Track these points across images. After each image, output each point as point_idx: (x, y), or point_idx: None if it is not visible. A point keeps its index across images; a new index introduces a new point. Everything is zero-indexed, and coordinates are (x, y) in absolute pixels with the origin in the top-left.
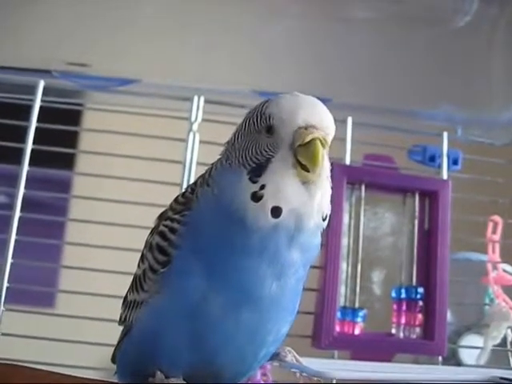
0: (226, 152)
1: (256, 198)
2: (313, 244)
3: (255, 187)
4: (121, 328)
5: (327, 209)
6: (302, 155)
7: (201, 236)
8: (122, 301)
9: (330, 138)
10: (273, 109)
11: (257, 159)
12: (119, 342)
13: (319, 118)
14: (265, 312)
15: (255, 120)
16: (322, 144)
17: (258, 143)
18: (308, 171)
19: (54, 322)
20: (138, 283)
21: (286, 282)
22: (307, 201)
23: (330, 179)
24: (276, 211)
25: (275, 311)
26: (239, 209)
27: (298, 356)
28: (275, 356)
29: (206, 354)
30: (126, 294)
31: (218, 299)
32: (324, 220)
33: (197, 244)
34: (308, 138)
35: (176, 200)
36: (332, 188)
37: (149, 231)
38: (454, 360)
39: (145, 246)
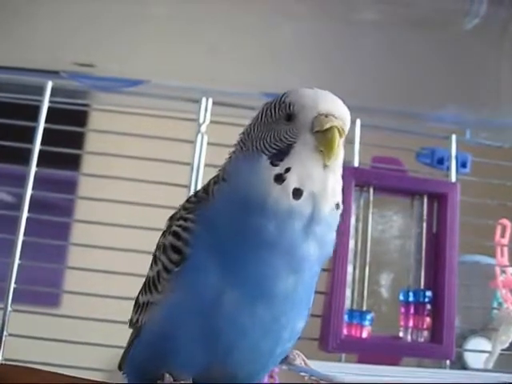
0: (240, 144)
1: (280, 179)
2: (328, 238)
3: (278, 170)
4: (127, 327)
5: (339, 197)
6: (320, 141)
7: (216, 232)
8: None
9: (346, 129)
10: (293, 97)
11: (276, 145)
12: (128, 346)
13: (338, 109)
14: (280, 307)
15: (273, 109)
16: (339, 132)
17: (277, 131)
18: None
19: (59, 320)
20: (151, 284)
21: (301, 276)
22: (325, 185)
23: (341, 169)
24: (297, 193)
25: (290, 306)
26: (260, 192)
27: (306, 359)
28: (284, 359)
29: (221, 352)
30: (138, 297)
31: (233, 295)
32: (337, 208)
33: (212, 241)
34: (327, 125)
35: (188, 200)
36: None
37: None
38: (459, 363)
39: (157, 248)
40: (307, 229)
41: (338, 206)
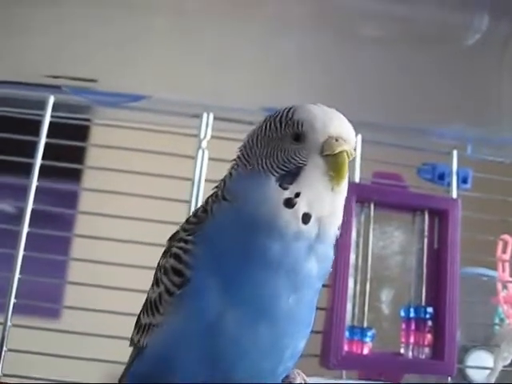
0: (243, 160)
1: (290, 204)
2: (328, 255)
3: (288, 194)
4: (127, 339)
5: (341, 219)
6: (330, 165)
7: (217, 253)
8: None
9: (353, 152)
10: (302, 116)
11: (285, 166)
12: (129, 365)
13: (347, 131)
14: (281, 326)
15: (278, 125)
16: (347, 156)
17: (284, 150)
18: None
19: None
20: (153, 306)
21: (302, 294)
22: (332, 208)
23: (346, 190)
24: (306, 217)
25: (292, 325)
26: (269, 216)
27: (307, 379)
28: (284, 378)
29: (222, 373)
30: (139, 316)
31: (234, 314)
32: (339, 229)
33: (213, 262)
34: (338, 150)
35: (187, 221)
36: None
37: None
38: (460, 376)
39: (159, 270)
40: (310, 249)
41: (339, 227)
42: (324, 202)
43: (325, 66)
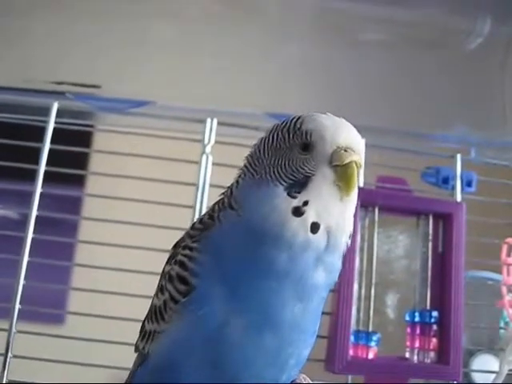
0: (250, 168)
1: (298, 213)
2: (336, 265)
3: (297, 202)
4: (130, 342)
5: (351, 229)
6: (339, 176)
7: (223, 261)
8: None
9: (362, 162)
10: (311, 126)
11: (293, 176)
12: (134, 371)
13: (356, 142)
14: (286, 335)
15: (287, 134)
16: (356, 166)
17: (292, 159)
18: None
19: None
20: (157, 313)
21: (308, 303)
22: (341, 218)
23: (356, 200)
24: (314, 227)
25: (296, 334)
26: (276, 224)
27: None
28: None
29: (226, 381)
30: (144, 323)
31: (239, 323)
32: (349, 238)
33: (219, 270)
34: (347, 160)
35: (193, 227)
36: None
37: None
38: (465, 379)
39: (163, 277)
40: (318, 259)
41: (350, 236)
42: (333, 211)
43: (327, 70)
